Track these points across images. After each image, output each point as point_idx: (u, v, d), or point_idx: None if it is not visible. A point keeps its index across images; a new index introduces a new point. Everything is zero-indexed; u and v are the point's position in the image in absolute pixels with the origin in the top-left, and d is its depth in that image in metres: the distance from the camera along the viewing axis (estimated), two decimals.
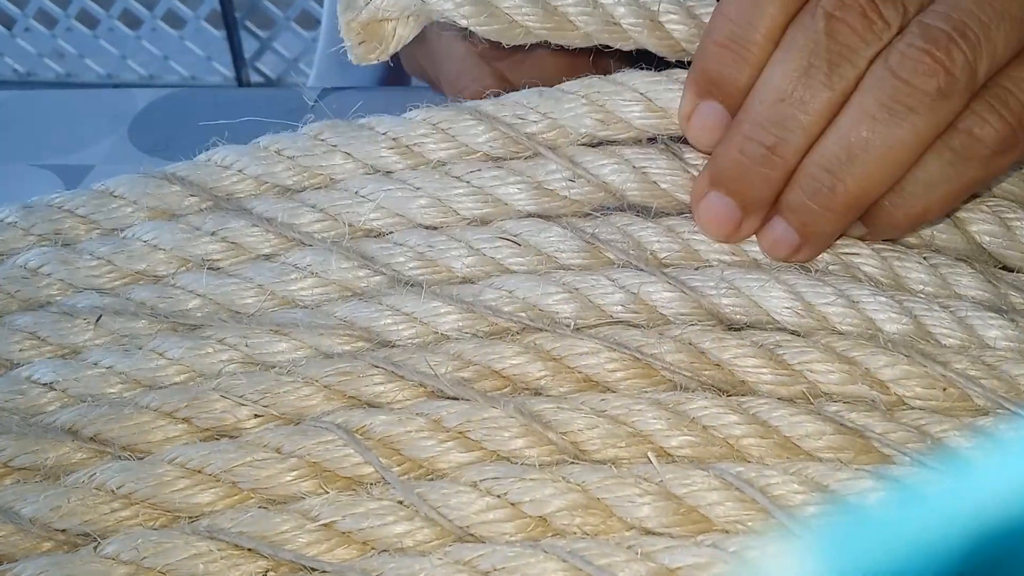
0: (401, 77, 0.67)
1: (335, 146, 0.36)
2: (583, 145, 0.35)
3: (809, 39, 0.30)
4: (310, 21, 1.51)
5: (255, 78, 1.56)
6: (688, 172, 0.34)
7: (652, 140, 0.35)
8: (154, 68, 1.60)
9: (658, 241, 0.34)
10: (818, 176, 0.30)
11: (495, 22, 0.35)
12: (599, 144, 0.35)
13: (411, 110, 0.37)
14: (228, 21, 1.45)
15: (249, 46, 1.53)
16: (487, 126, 0.35)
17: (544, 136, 0.35)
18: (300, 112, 0.37)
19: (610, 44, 0.35)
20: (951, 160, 0.30)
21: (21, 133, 0.48)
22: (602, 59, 0.37)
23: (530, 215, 0.34)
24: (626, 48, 0.36)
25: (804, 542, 0.18)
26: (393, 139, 0.36)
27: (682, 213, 0.35)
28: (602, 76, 0.35)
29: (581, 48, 0.36)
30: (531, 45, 0.36)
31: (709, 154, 0.34)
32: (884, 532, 0.17)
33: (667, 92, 0.34)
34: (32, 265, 0.34)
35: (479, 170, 0.35)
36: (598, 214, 0.35)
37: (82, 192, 0.36)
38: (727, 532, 0.28)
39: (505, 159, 0.36)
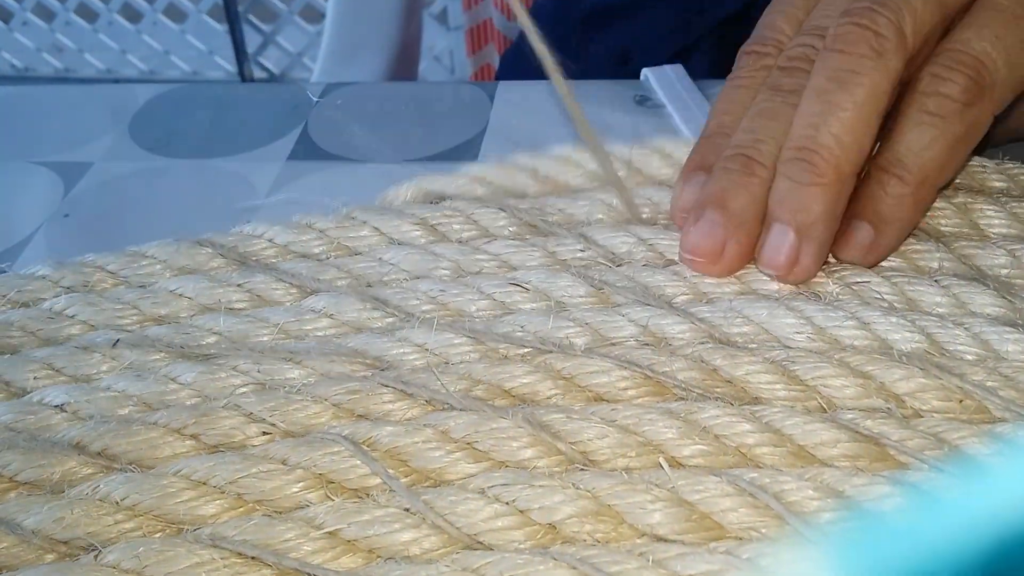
0: (407, 71, 0.66)
1: (364, 221, 0.38)
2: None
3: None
4: (314, 15, 1.48)
5: (258, 73, 1.54)
6: None
7: None
8: (155, 63, 1.57)
9: (666, 285, 0.34)
10: (794, 157, 0.32)
11: None
12: None
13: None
14: (230, 15, 1.44)
15: (252, 40, 1.51)
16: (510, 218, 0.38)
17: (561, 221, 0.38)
18: (304, 108, 0.38)
19: None
20: (930, 122, 0.32)
21: (19, 130, 0.48)
22: None
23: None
24: None
25: (819, 549, 0.18)
26: (420, 219, 0.38)
27: None
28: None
29: None
30: None
31: None
32: (900, 539, 0.17)
33: None
34: (58, 308, 0.35)
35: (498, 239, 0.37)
36: (605, 266, 0.35)
37: (114, 252, 0.37)
38: (740, 539, 0.28)
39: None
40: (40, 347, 0.34)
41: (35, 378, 0.33)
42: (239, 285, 0.36)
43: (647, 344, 0.32)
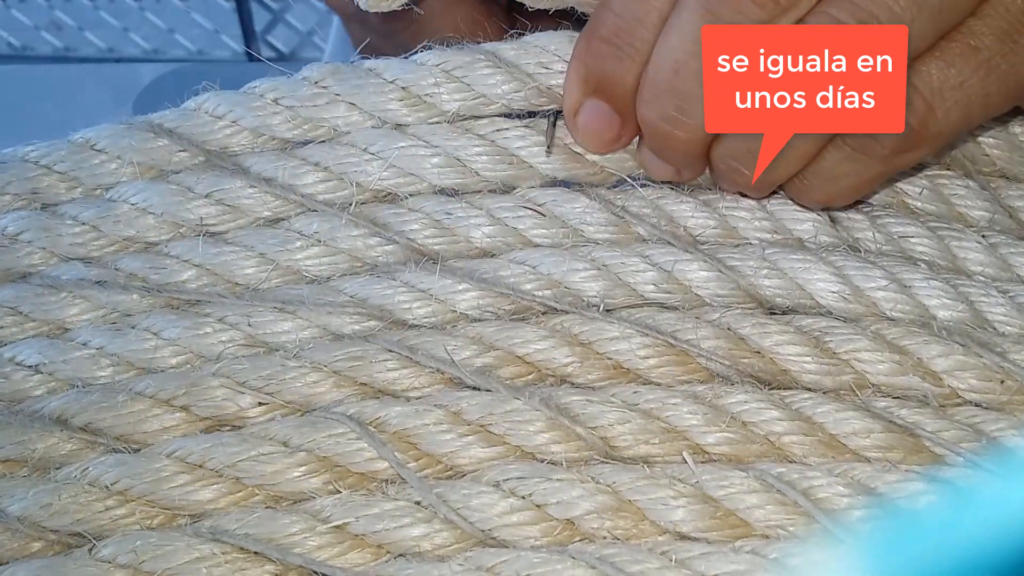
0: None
1: (338, 95, 0.33)
2: None
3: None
4: None
5: (266, 52, 1.50)
6: None
7: None
8: (158, 41, 1.51)
9: (692, 216, 0.31)
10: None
11: None
12: None
13: (423, 51, 0.34)
14: None
15: (260, 18, 1.45)
16: (507, 75, 0.32)
17: None
18: None
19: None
20: (849, 156, 0.29)
21: (18, 110, 0.45)
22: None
23: (556, 182, 0.32)
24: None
25: (850, 548, 0.17)
26: (403, 88, 0.33)
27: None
28: None
29: None
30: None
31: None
32: (935, 538, 0.16)
33: None
34: (11, 231, 0.31)
35: (500, 128, 0.32)
36: (628, 186, 0.32)
37: (59, 145, 0.33)
38: (767, 537, 0.27)
39: (528, 114, 0.33)
40: (1, 282, 0.31)
41: (1, 327, 0.30)
42: (208, 196, 0.31)
43: (668, 293, 0.30)
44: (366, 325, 0.30)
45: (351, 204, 0.32)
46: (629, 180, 0.32)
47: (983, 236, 0.31)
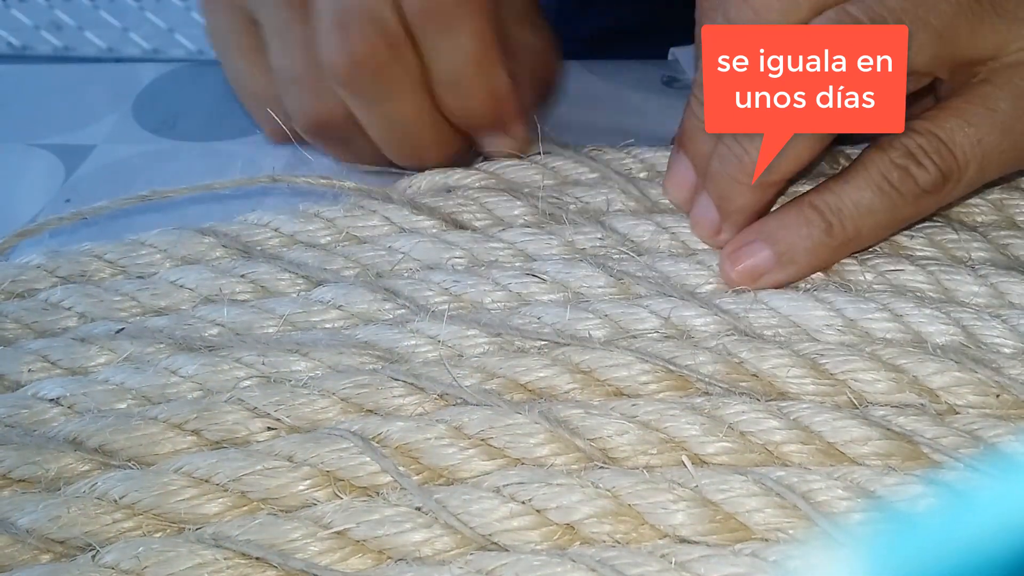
0: None
1: (374, 210, 0.37)
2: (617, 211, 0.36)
3: None
4: None
5: None
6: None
7: None
8: (158, 41, 1.53)
9: (689, 274, 0.33)
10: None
11: None
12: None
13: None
14: None
15: None
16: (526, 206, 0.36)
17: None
18: None
19: None
20: (888, 192, 0.31)
21: (18, 110, 0.46)
22: None
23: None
24: None
25: (849, 551, 0.17)
26: (432, 207, 0.37)
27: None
28: None
29: None
30: None
31: None
32: (934, 540, 0.16)
33: None
34: (54, 300, 0.34)
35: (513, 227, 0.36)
36: (624, 255, 0.34)
37: (111, 241, 0.36)
38: (767, 540, 0.26)
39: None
40: (35, 339, 0.33)
41: (29, 371, 0.31)
42: (243, 276, 0.34)
43: (669, 337, 0.31)
44: (375, 366, 0.31)
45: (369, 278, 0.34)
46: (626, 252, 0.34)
47: (973, 268, 0.32)
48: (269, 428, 0.29)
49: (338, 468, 0.28)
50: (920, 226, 0.34)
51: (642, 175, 0.38)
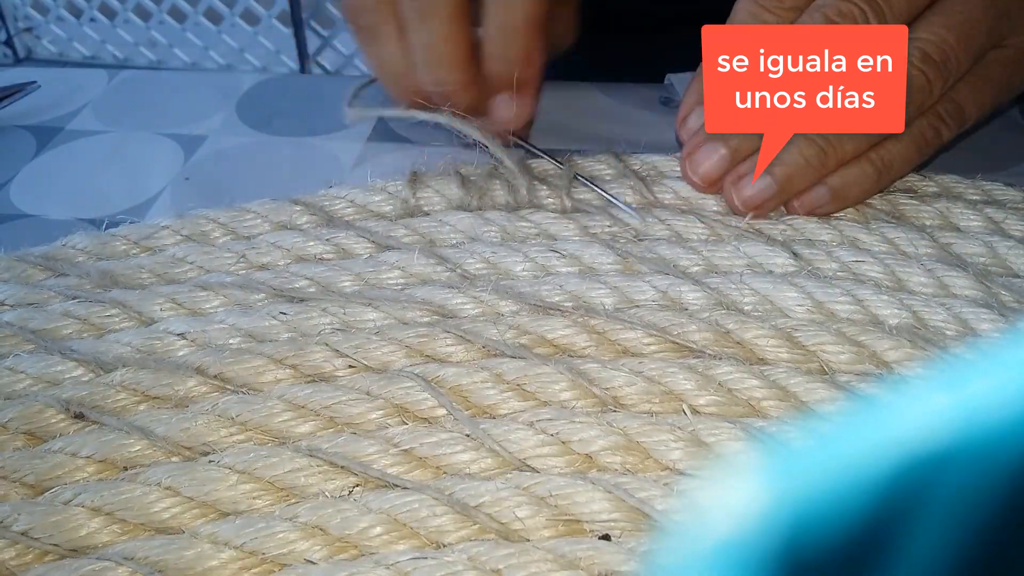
0: None
1: (429, 185, 0.44)
2: None
3: None
4: None
5: (316, 71, 1.72)
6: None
7: None
8: (231, 58, 1.76)
9: (682, 257, 0.40)
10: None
11: None
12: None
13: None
14: (296, 20, 1.65)
15: (312, 43, 1.70)
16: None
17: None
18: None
19: None
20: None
21: (149, 107, 0.55)
22: None
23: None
24: None
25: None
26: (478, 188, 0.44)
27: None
28: None
29: None
30: None
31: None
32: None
33: None
34: (179, 255, 0.41)
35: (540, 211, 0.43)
36: (628, 239, 0.41)
37: (224, 208, 0.43)
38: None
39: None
40: (164, 286, 0.40)
41: (161, 310, 0.39)
42: (327, 240, 0.41)
43: (666, 307, 0.38)
44: (431, 319, 0.38)
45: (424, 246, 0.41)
46: (630, 237, 0.41)
47: (921, 263, 0.38)
48: (350, 366, 0.36)
49: (405, 402, 0.35)
50: (878, 225, 0.40)
51: (644, 175, 0.45)
